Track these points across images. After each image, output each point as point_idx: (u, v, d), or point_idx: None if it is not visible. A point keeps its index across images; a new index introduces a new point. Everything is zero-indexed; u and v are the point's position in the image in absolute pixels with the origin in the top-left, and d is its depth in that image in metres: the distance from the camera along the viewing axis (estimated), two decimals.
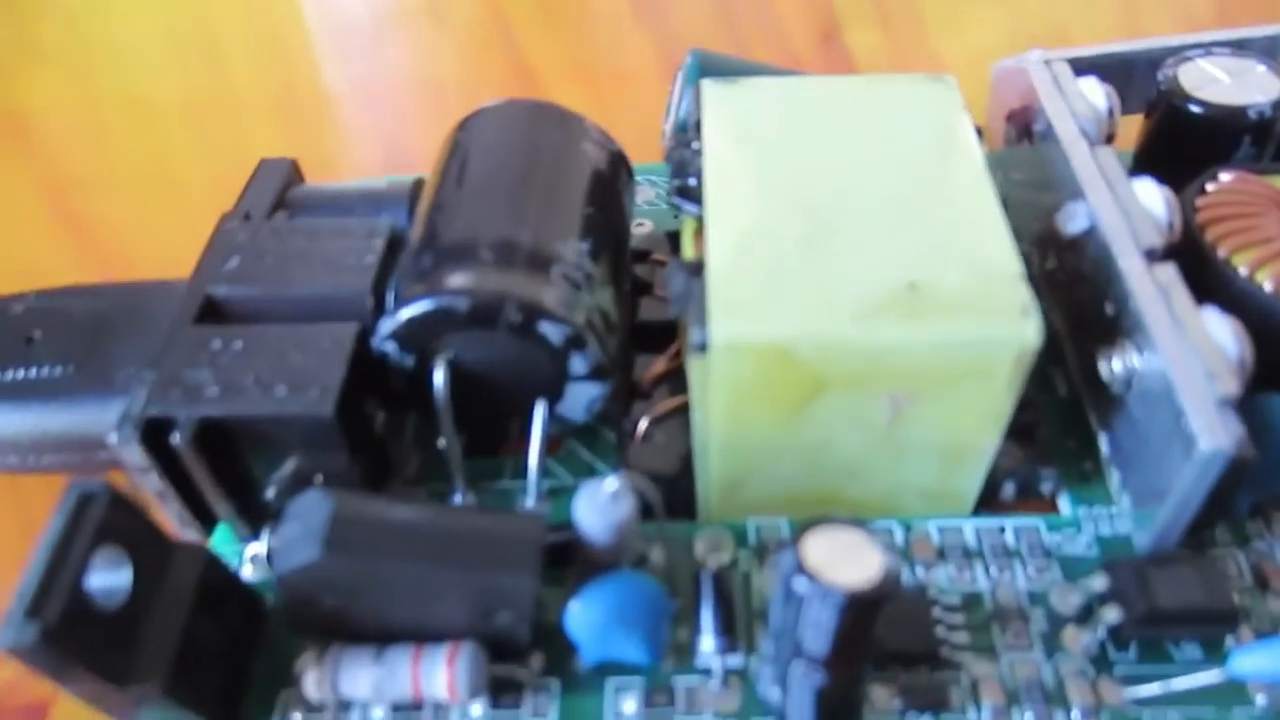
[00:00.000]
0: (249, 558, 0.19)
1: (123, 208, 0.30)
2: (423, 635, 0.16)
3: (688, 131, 0.22)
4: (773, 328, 0.16)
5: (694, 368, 0.16)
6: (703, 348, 0.16)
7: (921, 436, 0.17)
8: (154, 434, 0.17)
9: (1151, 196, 0.18)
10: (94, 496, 0.15)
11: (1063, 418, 0.20)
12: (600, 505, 0.16)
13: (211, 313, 0.19)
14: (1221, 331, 0.16)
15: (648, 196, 0.26)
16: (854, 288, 0.16)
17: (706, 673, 0.17)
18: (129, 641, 0.15)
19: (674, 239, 0.23)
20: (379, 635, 0.16)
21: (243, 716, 0.17)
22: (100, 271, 0.28)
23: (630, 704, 0.17)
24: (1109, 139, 0.21)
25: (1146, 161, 0.23)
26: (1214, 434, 0.15)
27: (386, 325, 0.18)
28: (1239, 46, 0.23)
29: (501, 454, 0.20)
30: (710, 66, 0.23)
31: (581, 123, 0.21)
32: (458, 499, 0.19)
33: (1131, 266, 0.17)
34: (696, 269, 0.17)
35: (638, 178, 0.25)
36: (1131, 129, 0.23)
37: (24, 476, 0.21)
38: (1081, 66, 0.23)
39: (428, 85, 0.34)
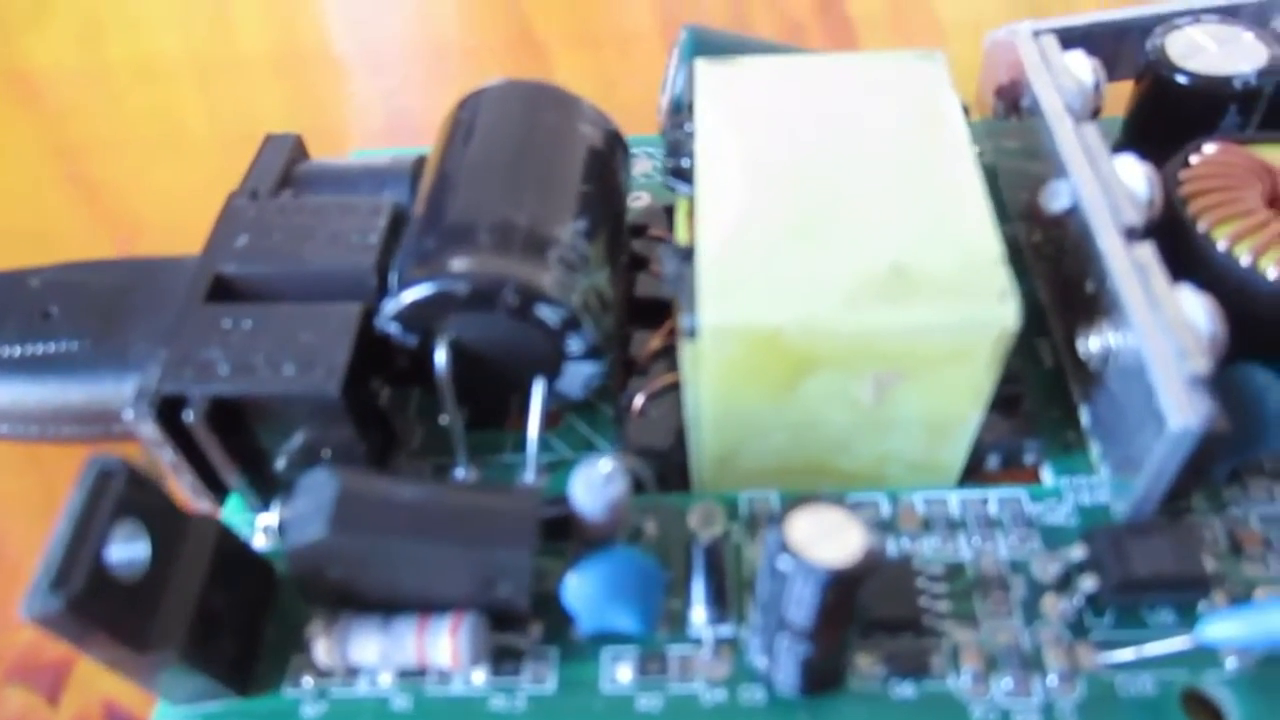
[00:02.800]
0: (261, 527, 0.20)
1: (130, 169, 0.30)
2: (427, 605, 0.17)
3: (682, 110, 0.22)
4: (761, 313, 0.16)
5: (685, 349, 0.17)
6: (692, 333, 0.16)
7: (907, 413, 0.18)
8: (168, 410, 0.18)
9: (1133, 173, 0.18)
10: (113, 472, 0.16)
11: (1047, 389, 0.21)
12: (595, 485, 0.17)
13: (222, 290, 0.20)
14: (1195, 309, 0.16)
15: (644, 169, 0.27)
16: (841, 271, 0.17)
17: (698, 642, 0.18)
18: (148, 610, 0.16)
19: (670, 213, 0.24)
20: (386, 605, 0.17)
21: (256, 680, 0.18)
22: (108, 232, 0.28)
23: (625, 672, 0.17)
24: (1095, 112, 0.21)
25: (1135, 130, 0.24)
26: (1183, 413, 0.15)
27: (390, 306, 0.18)
28: (1230, 13, 0.23)
29: (502, 428, 0.21)
30: (705, 43, 0.23)
31: (578, 103, 0.21)
32: (459, 472, 0.20)
33: (1110, 245, 0.18)
34: (687, 254, 0.17)
35: (635, 150, 0.26)
36: (1125, 94, 0.24)
37: (43, 445, 0.22)
38: (1073, 37, 0.23)
39: (432, 49, 0.34)
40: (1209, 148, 0.20)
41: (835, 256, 0.17)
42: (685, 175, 0.20)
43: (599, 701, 0.17)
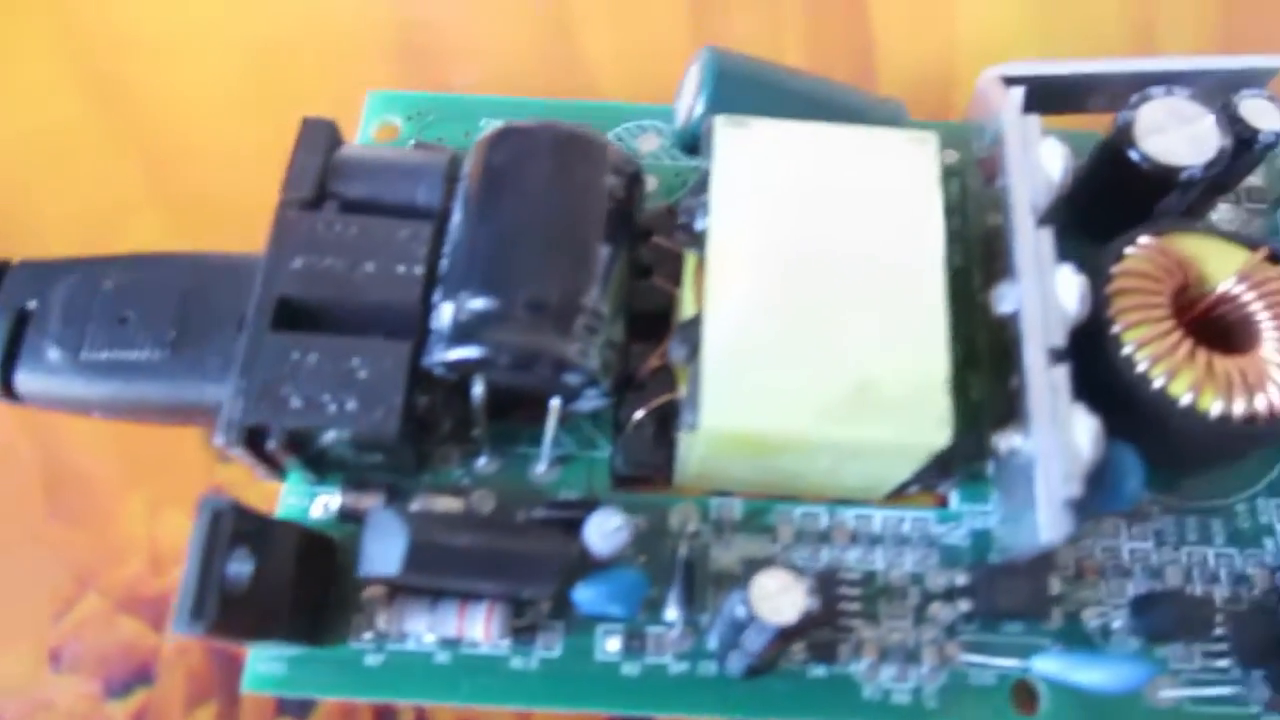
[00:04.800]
0: (320, 506, 0.24)
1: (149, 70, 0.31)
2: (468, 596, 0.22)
3: (698, 143, 0.24)
4: (749, 421, 0.20)
5: (684, 430, 0.21)
6: (693, 427, 0.20)
7: (853, 471, 0.22)
8: (253, 436, 0.22)
9: (1068, 289, 0.22)
10: (222, 513, 0.20)
11: (970, 419, 0.25)
12: (606, 534, 0.21)
13: (285, 313, 0.22)
14: (1084, 436, 0.21)
15: (651, 147, 0.28)
16: (816, 387, 0.20)
17: (670, 624, 0.23)
18: (258, 608, 0.21)
19: (672, 214, 0.26)
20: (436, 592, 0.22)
21: (325, 633, 0.23)
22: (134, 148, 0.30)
23: (614, 643, 0.23)
24: (1058, 198, 0.24)
25: (1089, 176, 0.27)
26: (1052, 530, 0.20)
27: (436, 355, 0.22)
28: (1202, 79, 0.25)
29: (518, 419, 0.25)
30: (725, 67, 0.25)
31: (604, 151, 0.23)
32: (482, 461, 0.24)
33: (1033, 360, 0.21)
34: (693, 344, 0.21)
35: (644, 123, 0.28)
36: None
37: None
38: (1057, 87, 0.25)
39: None
40: (1144, 240, 0.24)
41: (814, 370, 0.21)
42: (695, 237, 0.23)
43: (593, 667, 0.23)
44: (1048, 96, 0.26)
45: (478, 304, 0.22)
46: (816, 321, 0.21)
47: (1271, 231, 0.28)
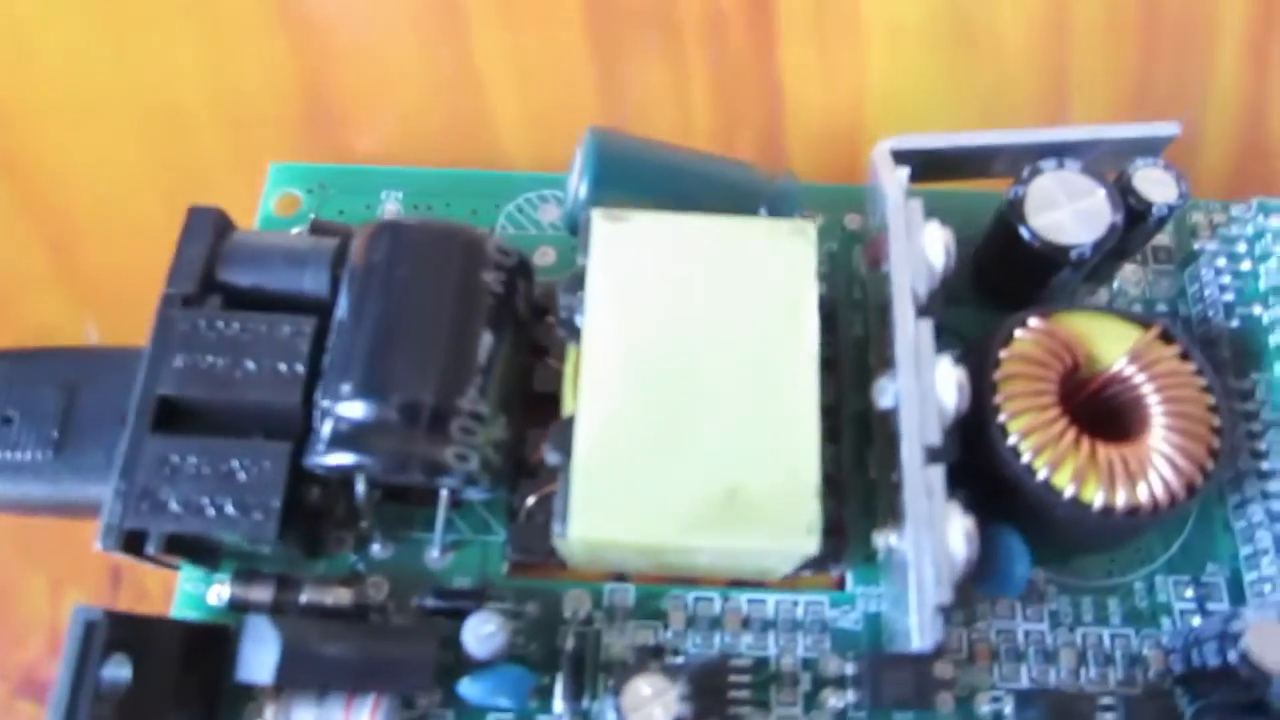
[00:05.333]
0: (214, 595, 0.24)
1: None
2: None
3: (578, 229, 0.24)
4: (616, 531, 0.20)
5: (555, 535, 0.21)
6: (562, 535, 0.20)
7: (737, 565, 0.23)
8: (131, 540, 0.22)
9: (947, 384, 0.22)
10: (95, 623, 0.20)
11: (866, 498, 0.25)
12: (481, 639, 0.21)
13: (164, 411, 0.23)
14: (958, 541, 0.21)
15: (552, 218, 0.28)
16: (685, 494, 0.20)
17: (558, 717, 0.23)
18: (137, 709, 0.21)
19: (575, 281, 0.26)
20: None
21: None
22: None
23: None
24: (942, 280, 0.23)
25: (987, 243, 0.26)
26: (924, 636, 0.20)
27: (314, 458, 0.22)
28: (1093, 149, 0.25)
29: (413, 503, 0.25)
30: (606, 147, 0.24)
31: (482, 247, 0.23)
32: (375, 548, 0.24)
33: (910, 458, 0.21)
34: (566, 454, 0.21)
35: (545, 192, 0.28)
36: None
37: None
38: (947, 161, 0.25)
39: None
40: (1034, 322, 0.24)
41: (683, 477, 0.21)
42: (574, 331, 0.23)
43: None
44: (949, 163, 0.26)
45: (354, 410, 0.22)
46: (688, 425, 0.21)
47: (1179, 293, 0.28)
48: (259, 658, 0.21)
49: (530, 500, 0.24)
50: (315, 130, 0.31)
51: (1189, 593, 0.25)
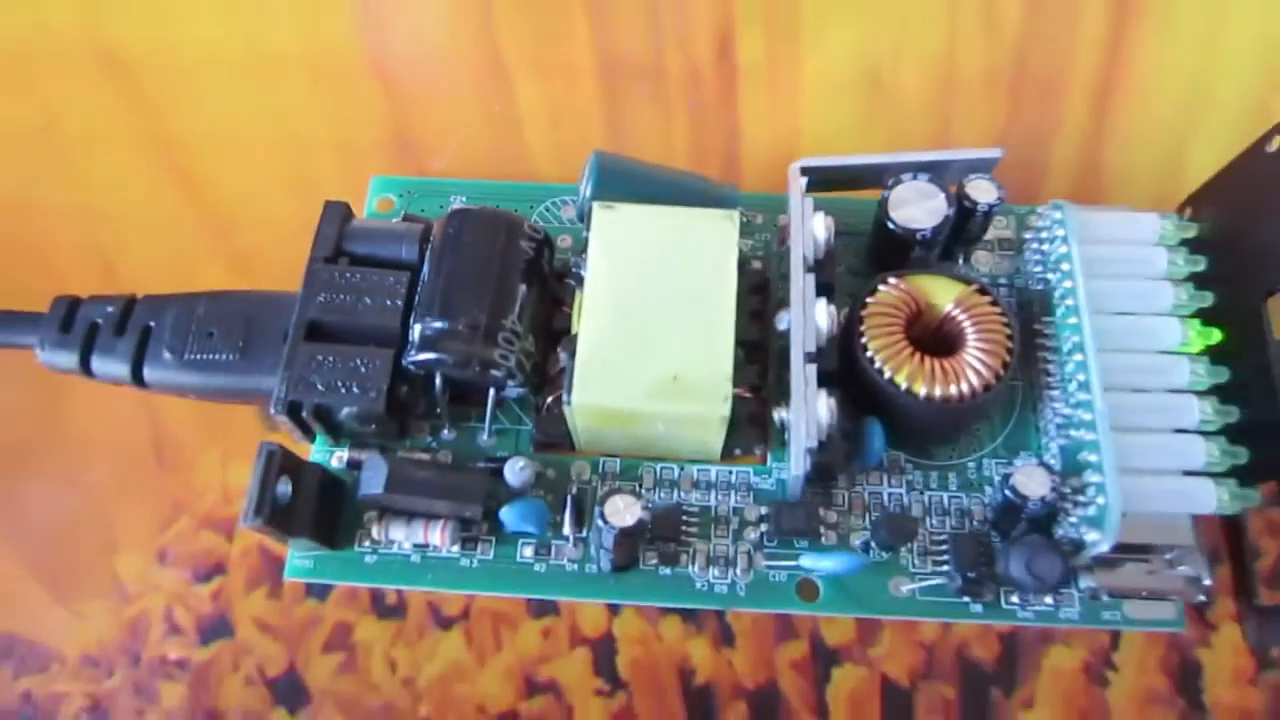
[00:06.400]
0: (336, 459, 0.36)
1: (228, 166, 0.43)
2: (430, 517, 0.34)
3: (584, 218, 0.36)
4: (600, 399, 0.32)
5: (565, 406, 0.33)
6: (568, 403, 0.32)
7: (683, 436, 0.34)
8: (292, 408, 0.33)
9: (822, 315, 0.33)
10: (274, 451, 0.32)
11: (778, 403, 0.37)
12: (515, 472, 0.33)
13: (313, 330, 0.34)
14: (823, 412, 0.32)
15: (570, 214, 0.40)
16: (646, 377, 0.32)
17: (567, 539, 0.35)
18: (293, 516, 0.32)
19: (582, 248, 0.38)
20: (409, 513, 0.34)
21: (337, 540, 0.35)
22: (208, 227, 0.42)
23: (529, 551, 0.34)
24: (828, 254, 0.35)
25: (874, 234, 0.38)
26: (797, 466, 0.31)
27: (408, 358, 0.33)
28: (939, 168, 0.37)
29: (471, 404, 0.37)
30: (607, 166, 0.36)
31: (521, 225, 0.35)
32: (445, 433, 0.36)
33: (796, 361, 0.33)
34: (571, 354, 0.32)
35: (567, 197, 0.40)
36: None
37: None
38: (838, 177, 0.37)
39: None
40: (892, 280, 0.35)
41: (645, 367, 0.32)
42: (580, 281, 0.34)
43: (515, 565, 0.34)
44: (847, 177, 0.37)
45: (435, 325, 0.33)
46: (649, 337, 0.33)
47: (1015, 272, 0.39)
48: (373, 479, 0.32)
49: (549, 400, 0.36)
50: (402, 153, 0.43)
51: (1004, 471, 0.36)
